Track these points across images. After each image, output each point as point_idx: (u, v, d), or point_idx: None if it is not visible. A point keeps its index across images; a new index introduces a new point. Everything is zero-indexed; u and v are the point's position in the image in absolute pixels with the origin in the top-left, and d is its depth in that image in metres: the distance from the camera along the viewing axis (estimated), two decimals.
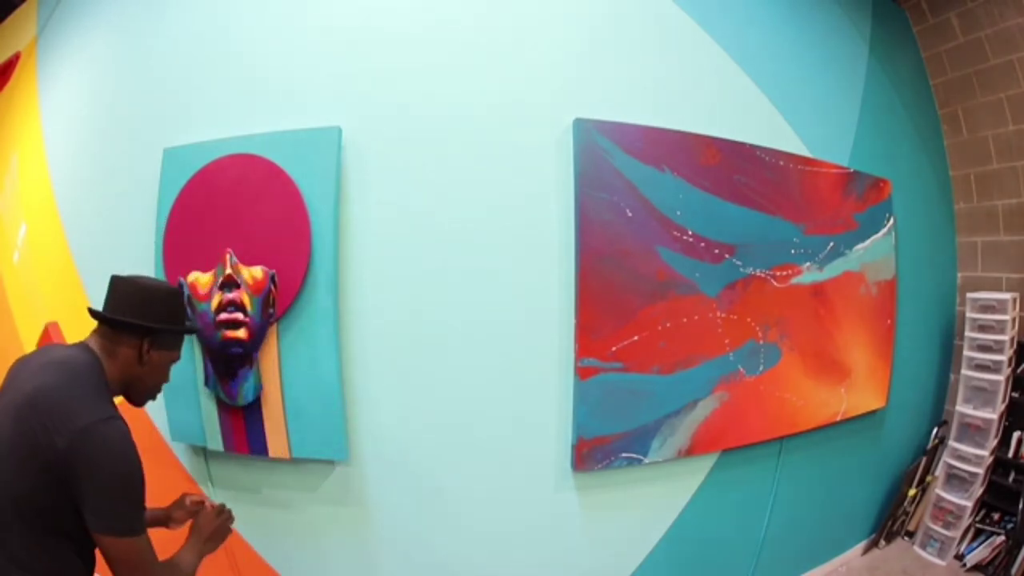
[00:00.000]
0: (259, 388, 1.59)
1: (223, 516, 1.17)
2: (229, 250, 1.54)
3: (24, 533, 0.87)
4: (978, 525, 2.61)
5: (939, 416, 2.99)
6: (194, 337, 1.60)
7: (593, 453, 1.73)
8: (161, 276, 1.65)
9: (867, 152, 2.47)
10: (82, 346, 1.02)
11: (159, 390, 1.14)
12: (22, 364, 1.02)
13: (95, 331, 1.05)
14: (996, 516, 2.61)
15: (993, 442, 2.57)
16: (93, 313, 1.05)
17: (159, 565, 0.95)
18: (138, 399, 1.10)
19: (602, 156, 1.73)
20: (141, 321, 1.02)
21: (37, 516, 0.88)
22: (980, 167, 2.89)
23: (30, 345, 1.87)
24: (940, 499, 2.64)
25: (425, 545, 1.71)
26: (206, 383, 1.61)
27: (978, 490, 2.56)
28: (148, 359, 1.05)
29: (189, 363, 1.60)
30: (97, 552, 0.94)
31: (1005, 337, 2.58)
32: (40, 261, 1.94)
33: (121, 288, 1.05)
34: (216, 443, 1.65)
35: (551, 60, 1.78)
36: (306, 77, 1.69)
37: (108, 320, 1.03)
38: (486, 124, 1.71)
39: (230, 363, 1.56)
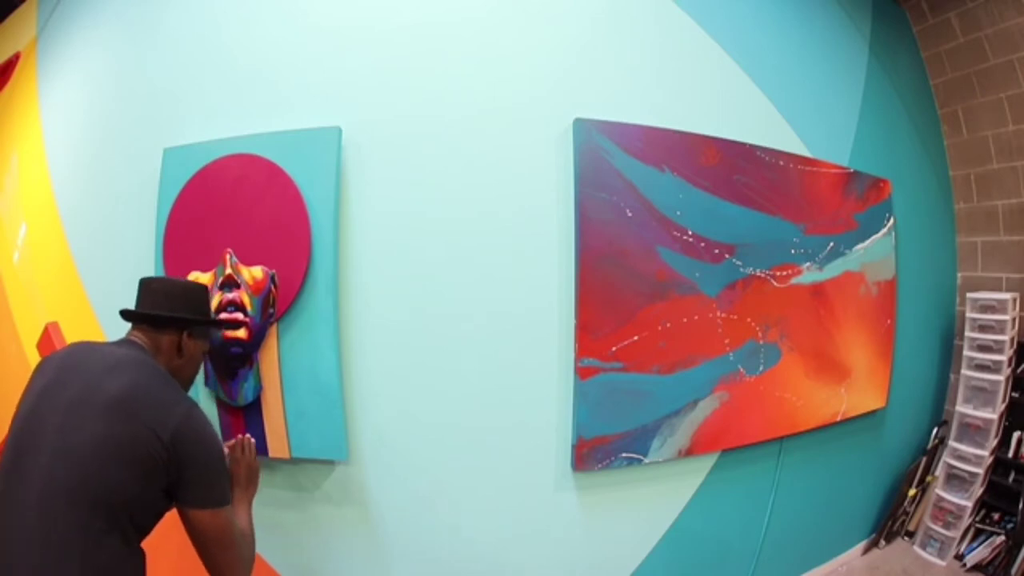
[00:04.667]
0: (259, 388, 1.59)
1: (246, 454, 1.24)
2: (229, 250, 1.54)
3: (109, 539, 0.90)
4: (978, 525, 2.61)
5: (939, 416, 2.99)
6: None
7: (593, 453, 1.73)
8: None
9: (867, 152, 2.47)
10: (132, 344, 1.09)
11: (193, 380, 1.24)
12: (70, 363, 1.02)
13: (135, 330, 1.13)
14: (996, 516, 2.61)
15: (993, 442, 2.57)
16: (135, 314, 1.13)
17: (238, 529, 1.05)
18: None
19: (602, 156, 1.73)
20: (183, 314, 1.13)
21: (121, 508, 0.91)
22: (980, 167, 2.90)
23: (30, 345, 1.87)
24: (940, 499, 2.64)
25: (425, 545, 1.70)
26: (206, 383, 1.61)
27: (978, 490, 2.56)
28: (186, 350, 1.15)
29: None
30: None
31: (1005, 337, 2.58)
32: (40, 261, 1.93)
33: (157, 287, 1.15)
34: None
35: (551, 60, 1.78)
36: (306, 77, 1.69)
37: (153, 317, 1.12)
38: (486, 124, 1.71)
39: (230, 363, 1.55)
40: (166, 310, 1.12)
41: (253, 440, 1.28)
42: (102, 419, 0.93)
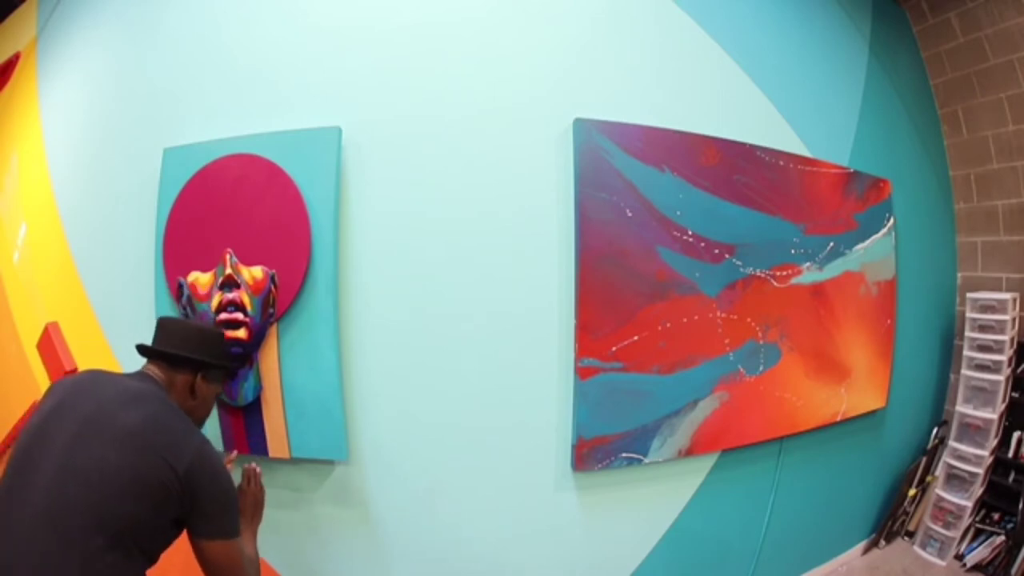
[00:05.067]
0: (259, 388, 1.59)
1: (252, 486, 1.27)
2: (229, 250, 1.54)
3: (111, 554, 0.90)
4: (978, 525, 2.61)
5: (939, 416, 2.99)
6: None
7: (593, 453, 1.73)
8: (161, 276, 1.65)
9: (867, 152, 2.47)
10: (146, 377, 1.11)
11: (204, 422, 1.25)
12: (83, 387, 1.04)
13: (150, 365, 1.15)
14: (996, 516, 2.61)
15: (993, 442, 2.57)
16: (152, 350, 1.15)
17: (247, 557, 1.09)
18: None
19: (602, 156, 1.73)
20: (200, 356, 1.16)
21: (128, 534, 0.93)
22: (980, 167, 2.90)
23: (30, 345, 1.87)
24: (940, 499, 2.64)
25: (425, 545, 1.70)
26: None
27: (978, 490, 2.56)
28: (199, 392, 1.18)
29: None
30: None
31: (1005, 337, 2.58)
32: (40, 261, 1.93)
33: (175, 328, 1.19)
34: (216, 443, 1.64)
35: (551, 60, 1.78)
36: (306, 77, 1.69)
37: (170, 356, 1.14)
38: (486, 124, 1.71)
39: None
40: (184, 351, 1.15)
41: (259, 469, 1.30)
42: (114, 448, 0.94)
